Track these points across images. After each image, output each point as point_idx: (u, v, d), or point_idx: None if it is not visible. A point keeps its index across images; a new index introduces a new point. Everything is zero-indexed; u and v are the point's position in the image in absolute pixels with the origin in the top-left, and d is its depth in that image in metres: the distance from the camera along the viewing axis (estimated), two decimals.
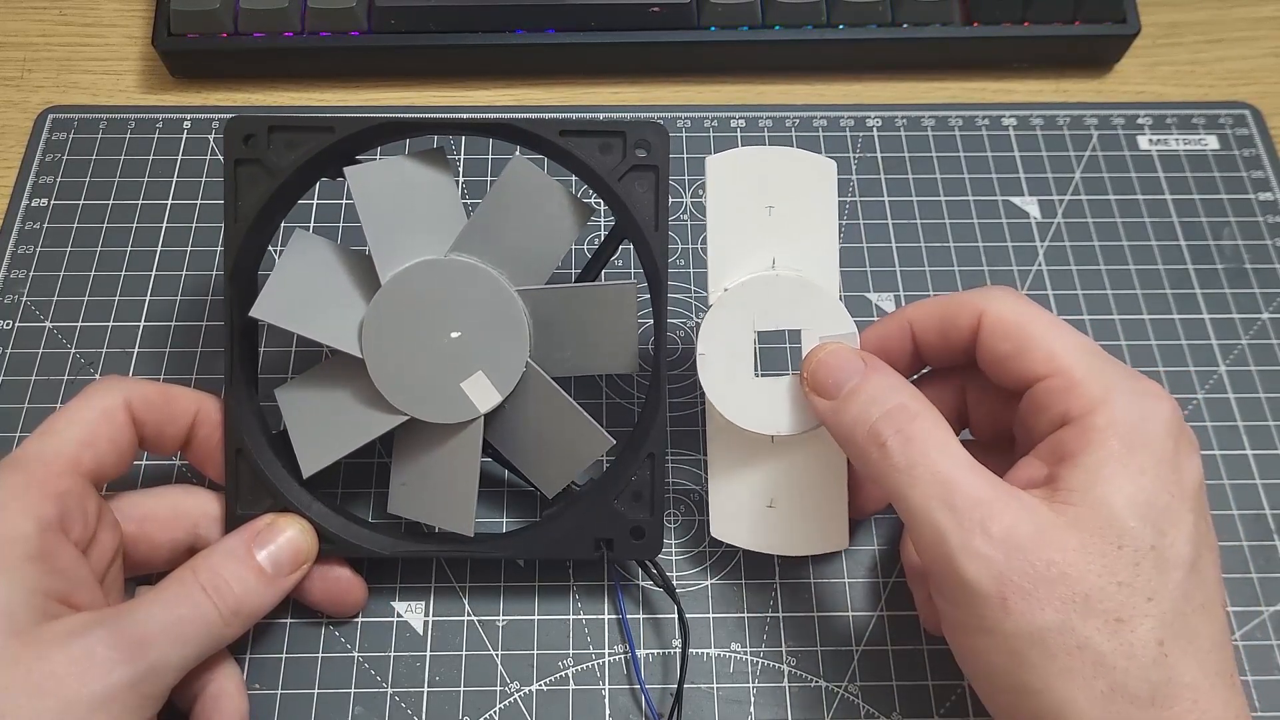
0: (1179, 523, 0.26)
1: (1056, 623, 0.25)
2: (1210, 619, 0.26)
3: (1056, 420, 0.28)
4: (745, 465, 0.33)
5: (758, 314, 0.31)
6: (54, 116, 0.44)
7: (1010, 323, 0.29)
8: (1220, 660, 0.26)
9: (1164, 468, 0.26)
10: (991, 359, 0.30)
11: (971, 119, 0.46)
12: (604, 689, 0.34)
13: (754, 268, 0.32)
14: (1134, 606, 0.25)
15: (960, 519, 0.26)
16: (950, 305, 0.30)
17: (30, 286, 0.40)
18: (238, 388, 0.33)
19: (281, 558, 0.31)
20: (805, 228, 0.32)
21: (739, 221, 0.32)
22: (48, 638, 0.26)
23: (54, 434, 0.29)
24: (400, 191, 0.32)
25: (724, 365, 0.31)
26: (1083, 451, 0.26)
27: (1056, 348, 0.28)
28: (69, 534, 0.28)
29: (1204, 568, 0.26)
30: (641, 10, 0.44)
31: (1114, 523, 0.25)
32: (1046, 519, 0.26)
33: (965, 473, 0.26)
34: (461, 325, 0.32)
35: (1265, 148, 0.45)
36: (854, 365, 0.30)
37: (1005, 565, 0.25)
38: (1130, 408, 0.27)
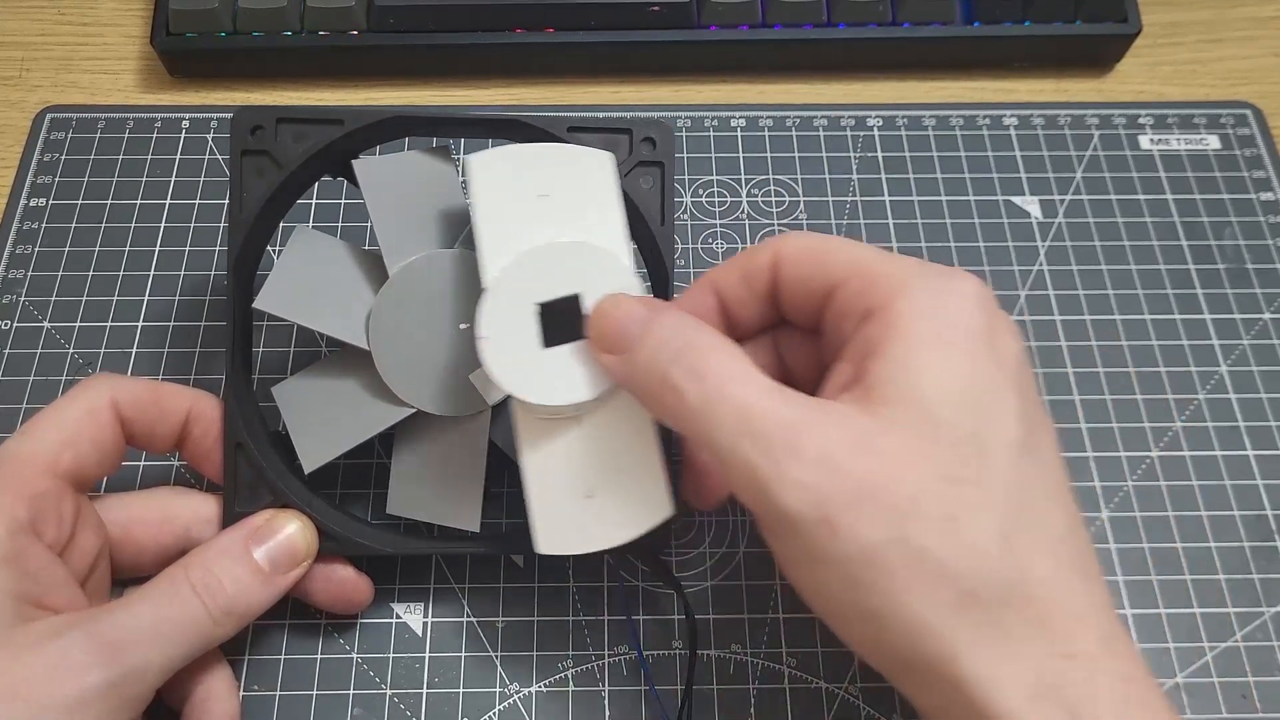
0: (1001, 402, 0.24)
1: (887, 536, 0.23)
2: (1057, 504, 0.24)
3: (859, 318, 0.26)
4: (558, 458, 0.30)
5: (537, 286, 0.29)
6: (52, 116, 0.44)
7: (805, 246, 0.28)
8: (1074, 549, 0.24)
9: (977, 345, 0.24)
10: (794, 289, 0.28)
11: (972, 118, 0.45)
12: (604, 690, 0.34)
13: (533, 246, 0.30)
14: (966, 500, 0.23)
15: (768, 447, 0.23)
16: (747, 253, 0.29)
17: (28, 286, 0.40)
18: (238, 382, 0.33)
19: (279, 555, 0.30)
20: (584, 208, 0.30)
21: (508, 210, 0.30)
22: (21, 640, 0.26)
23: (33, 434, 0.29)
24: (408, 184, 0.33)
25: (509, 344, 0.29)
26: (887, 341, 0.24)
27: (855, 252, 0.27)
28: (42, 536, 0.28)
29: (1039, 449, 0.24)
30: (641, 9, 0.44)
31: (929, 413, 0.23)
32: (860, 426, 0.24)
33: (768, 398, 0.24)
34: (469, 317, 0.32)
35: (1267, 147, 0.45)
36: (638, 312, 0.27)
37: (824, 486, 0.23)
38: (934, 288, 0.25)
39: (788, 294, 0.28)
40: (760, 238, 0.42)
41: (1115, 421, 0.39)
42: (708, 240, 0.42)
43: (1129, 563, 0.36)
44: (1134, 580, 0.36)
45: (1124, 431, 0.39)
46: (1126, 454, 0.38)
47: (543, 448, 0.30)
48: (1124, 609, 0.35)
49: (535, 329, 0.29)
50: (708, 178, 0.44)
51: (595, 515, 0.30)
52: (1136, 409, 0.39)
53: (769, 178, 0.44)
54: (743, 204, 0.43)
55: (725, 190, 0.44)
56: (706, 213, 0.43)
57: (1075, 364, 0.40)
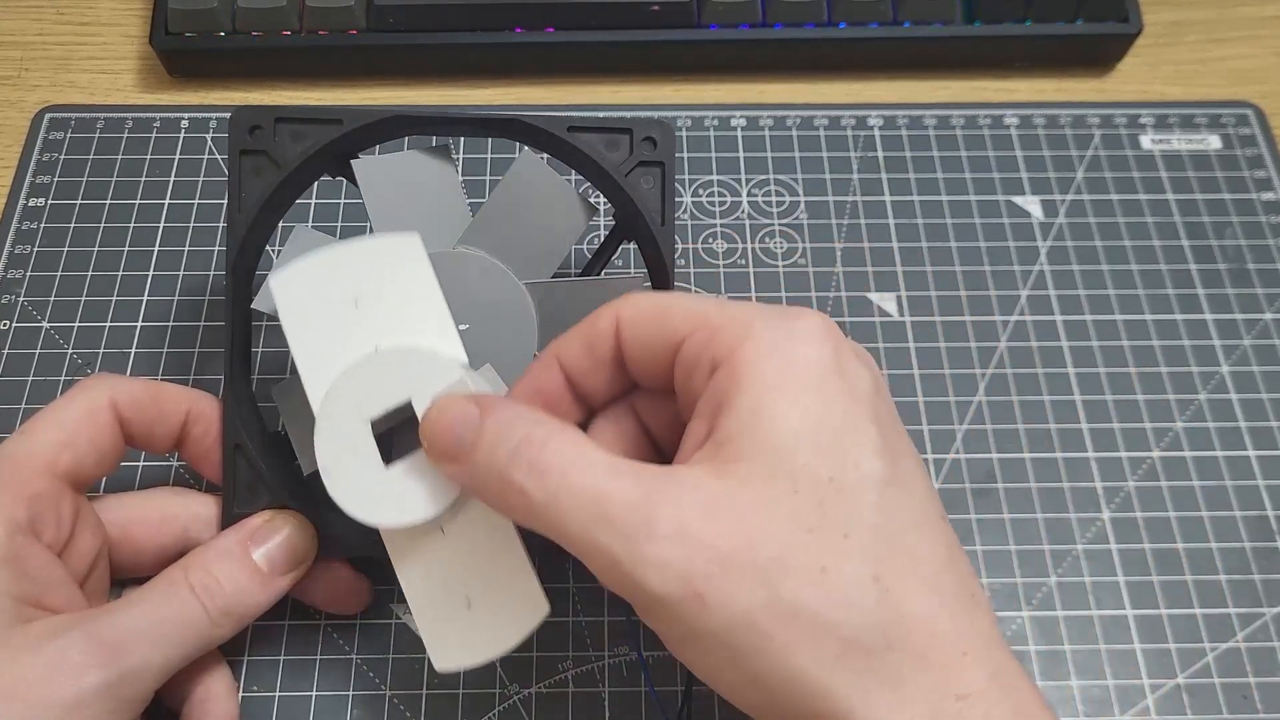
0: (858, 437, 0.23)
1: (758, 599, 0.22)
2: (929, 535, 0.23)
3: (707, 372, 0.25)
4: (432, 571, 0.29)
5: (365, 404, 0.27)
6: (51, 116, 0.44)
7: (646, 306, 0.26)
8: (954, 581, 0.23)
9: (826, 381, 0.23)
10: (639, 351, 0.26)
11: (973, 118, 0.45)
12: (604, 691, 0.33)
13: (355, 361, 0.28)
14: (832, 548, 0.22)
15: (622, 530, 0.22)
16: (588, 320, 0.27)
17: (27, 286, 0.40)
18: (237, 382, 0.32)
19: (278, 556, 0.30)
20: (401, 304, 0.29)
21: (322, 328, 0.28)
22: (20, 641, 0.26)
23: (31, 434, 0.29)
24: (407, 184, 0.32)
25: (349, 469, 0.27)
26: (735, 391, 0.23)
27: (694, 305, 0.25)
28: (40, 536, 0.28)
29: (905, 479, 0.24)
30: (642, 9, 0.44)
31: (783, 462, 0.22)
32: (714, 490, 0.23)
33: (614, 479, 0.23)
34: (469, 318, 0.32)
35: (1268, 147, 0.45)
36: (467, 414, 0.26)
37: (685, 560, 0.22)
38: (775, 329, 0.24)
39: (633, 357, 0.27)
40: (760, 238, 0.42)
41: (1116, 422, 0.39)
42: (708, 240, 0.42)
43: (1130, 563, 0.36)
44: (1135, 581, 0.36)
45: (1125, 432, 0.38)
46: (1127, 454, 0.38)
47: (414, 562, 0.29)
48: (1125, 609, 0.35)
49: (371, 448, 0.27)
50: (708, 178, 0.44)
51: (478, 624, 0.29)
52: (1137, 409, 0.39)
53: (769, 178, 0.44)
54: (743, 204, 0.43)
55: (725, 190, 0.44)
56: (706, 213, 0.43)
57: (1076, 364, 0.40)
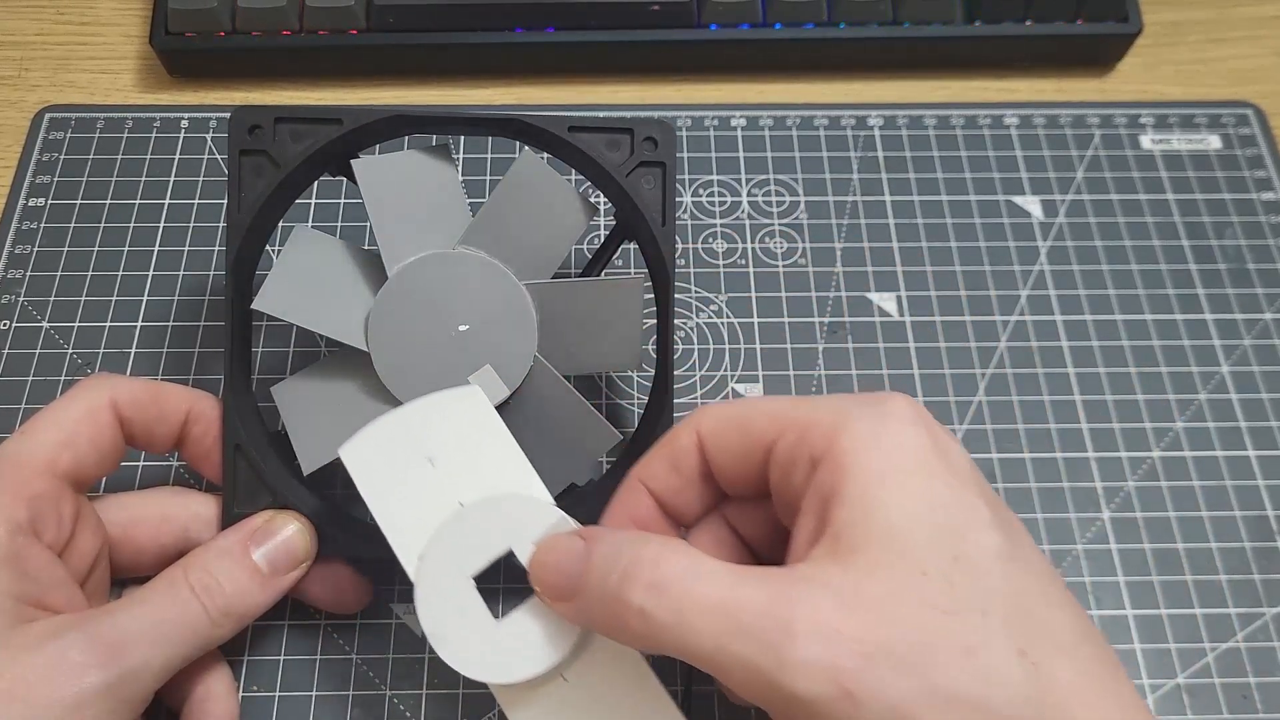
0: (973, 514, 0.23)
1: (912, 689, 0.21)
2: (1059, 605, 0.23)
3: (807, 469, 0.25)
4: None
5: (465, 562, 0.27)
6: (51, 116, 0.44)
7: (723, 416, 0.27)
8: (1094, 649, 0.23)
9: (930, 463, 0.24)
10: (726, 462, 0.27)
11: (973, 118, 0.45)
12: None
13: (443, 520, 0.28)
14: (973, 629, 0.22)
15: (760, 639, 0.22)
16: (666, 440, 0.28)
17: (27, 286, 0.40)
18: (237, 382, 0.32)
19: (278, 557, 0.30)
20: (476, 456, 0.29)
21: (403, 492, 0.28)
22: (20, 641, 0.26)
23: (31, 435, 0.29)
24: (408, 185, 0.32)
25: (461, 635, 0.27)
26: (842, 483, 0.24)
27: (774, 407, 0.26)
28: (41, 536, 0.28)
29: (1023, 552, 0.24)
30: (642, 9, 0.44)
31: (906, 547, 0.23)
32: (843, 583, 0.22)
33: (738, 588, 0.23)
34: (469, 319, 0.32)
35: (1268, 147, 0.45)
36: (574, 548, 0.25)
37: (830, 658, 0.21)
38: (868, 418, 0.24)
39: (721, 468, 0.27)
40: (760, 238, 0.42)
41: (1116, 422, 0.39)
42: (708, 240, 0.42)
43: (1130, 563, 0.36)
44: (1135, 581, 0.36)
45: (1125, 432, 0.38)
46: (1128, 454, 0.38)
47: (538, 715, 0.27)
48: (1125, 609, 0.35)
49: (479, 606, 0.27)
50: (708, 178, 0.44)
51: None
52: (1137, 409, 0.39)
53: (769, 177, 0.44)
54: (743, 204, 0.43)
55: (725, 190, 0.44)
56: (707, 213, 0.43)
57: (1076, 364, 0.40)
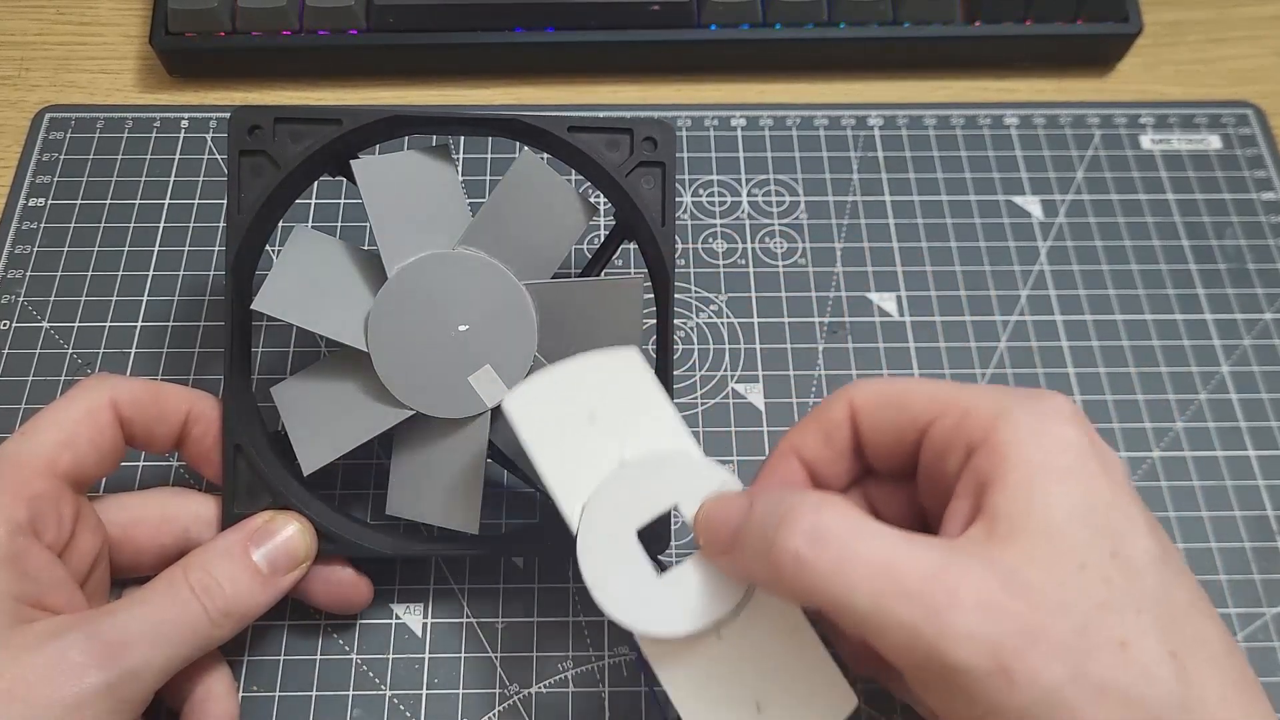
0: (1130, 518, 0.24)
1: (1066, 675, 0.21)
2: (1210, 617, 0.24)
3: (963, 454, 0.25)
4: (709, 682, 0.28)
5: (628, 515, 0.28)
6: (51, 116, 0.44)
7: (880, 392, 0.27)
8: (1239, 664, 0.23)
9: (1090, 465, 0.24)
10: (878, 438, 0.27)
11: (973, 118, 0.45)
12: (604, 691, 0.33)
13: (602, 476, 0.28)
14: (1128, 625, 0.22)
15: (924, 602, 0.22)
16: (820, 410, 0.28)
17: (27, 286, 0.40)
18: (236, 383, 0.32)
19: (278, 557, 0.30)
20: (635, 415, 0.29)
21: (565, 446, 0.28)
22: (20, 641, 0.26)
23: (31, 435, 0.29)
24: (407, 185, 0.32)
25: (623, 586, 0.27)
26: (1002, 470, 0.24)
27: (934, 390, 0.26)
28: (41, 537, 0.28)
29: (1174, 561, 0.24)
30: (641, 9, 0.44)
31: (1067, 540, 0.23)
32: (1005, 563, 0.23)
33: (905, 549, 0.23)
34: (469, 319, 0.32)
35: (1268, 147, 0.45)
36: (738, 504, 0.26)
37: (993, 632, 0.22)
38: (1030, 413, 0.25)
39: (872, 442, 0.28)
40: (760, 238, 0.42)
41: (1116, 422, 0.39)
42: (708, 240, 0.42)
43: None
44: None
45: (1125, 432, 0.39)
46: (1128, 454, 0.38)
47: (688, 672, 0.28)
48: None
49: (642, 558, 0.27)
50: (708, 177, 0.44)
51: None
52: (1138, 409, 0.39)
53: (769, 177, 0.44)
54: (743, 204, 0.43)
55: (725, 190, 0.44)
56: (707, 213, 0.43)
57: (1076, 364, 0.40)
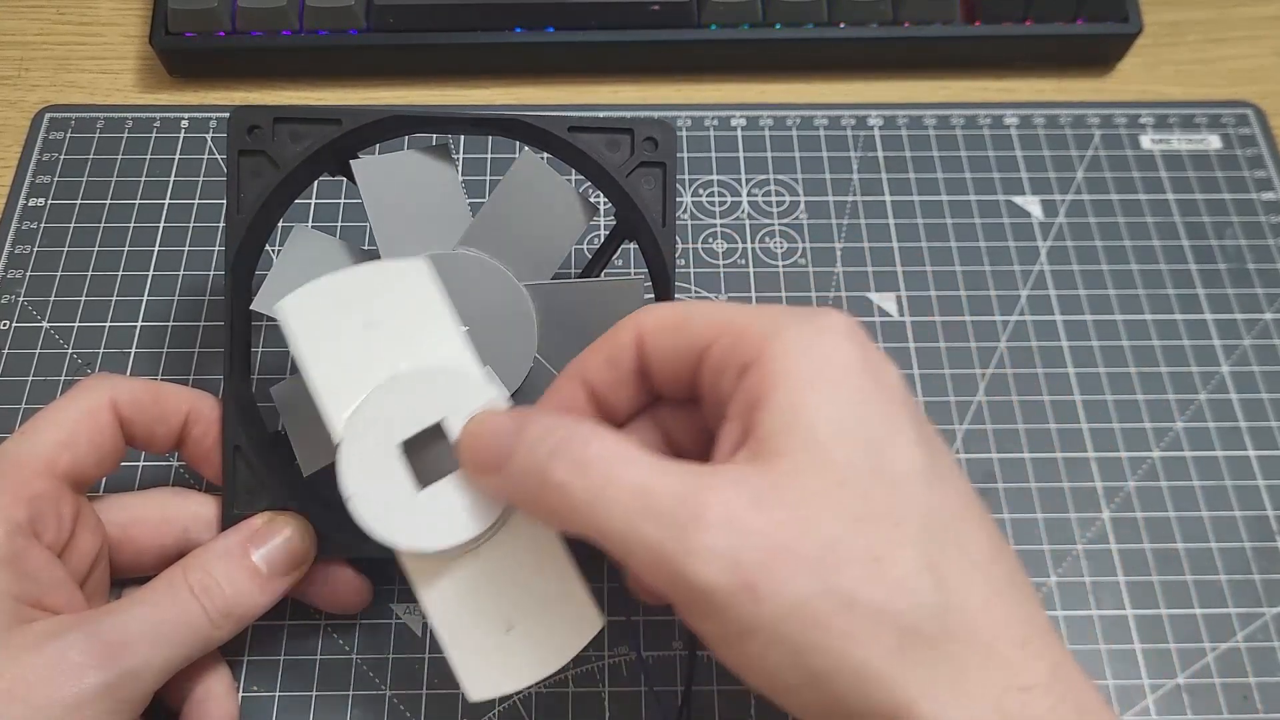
0: (897, 431, 0.23)
1: (813, 589, 0.21)
2: (975, 525, 0.23)
3: (735, 375, 0.25)
4: (465, 599, 0.28)
5: (394, 428, 0.27)
6: (51, 116, 0.44)
7: (665, 316, 0.27)
8: (1004, 571, 0.23)
9: (859, 378, 0.24)
10: (662, 362, 0.27)
11: (973, 118, 0.45)
12: (604, 691, 0.33)
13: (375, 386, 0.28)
14: (885, 537, 0.22)
15: (670, 522, 0.22)
16: (608, 335, 0.27)
17: (27, 286, 0.40)
18: (236, 383, 0.32)
19: (277, 558, 0.30)
20: (417, 328, 0.28)
21: (338, 353, 0.28)
22: (19, 641, 0.26)
23: (31, 435, 0.29)
24: (407, 185, 0.32)
25: (382, 498, 0.27)
26: (769, 390, 0.23)
27: (716, 311, 0.26)
28: (41, 537, 0.28)
29: (944, 472, 0.24)
30: (642, 8, 0.44)
31: (828, 455, 0.22)
32: (761, 481, 0.22)
33: (659, 474, 0.23)
34: (469, 320, 0.32)
35: (1268, 147, 0.45)
36: (506, 424, 0.26)
37: (736, 549, 0.21)
38: (803, 329, 0.24)
39: (657, 367, 0.27)
40: (760, 238, 0.42)
41: (1116, 422, 0.39)
42: (708, 240, 0.42)
43: (1130, 563, 0.36)
44: (1135, 581, 0.36)
45: (1125, 432, 0.38)
46: (1128, 454, 0.38)
47: (444, 589, 0.28)
48: (1125, 609, 0.35)
49: (404, 471, 0.27)
50: (708, 177, 0.44)
51: (520, 647, 0.28)
52: (1137, 409, 0.39)
53: (769, 177, 0.44)
54: (743, 204, 0.43)
55: (725, 190, 0.44)
56: (707, 212, 0.43)
57: (1076, 364, 0.40)
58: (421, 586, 0.28)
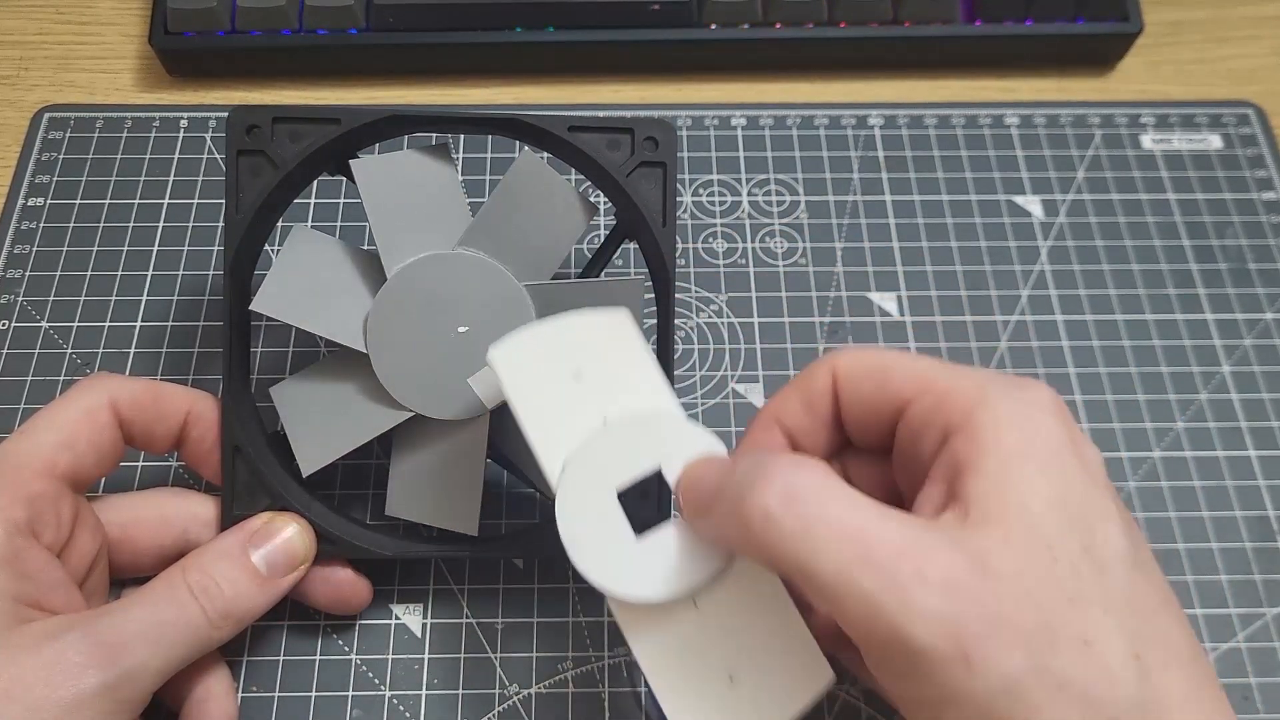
0: (1104, 515, 0.23)
1: (1029, 665, 0.21)
2: (1176, 619, 0.23)
3: (939, 436, 0.24)
4: (683, 650, 0.27)
5: (610, 475, 0.27)
6: (50, 115, 0.44)
7: (864, 364, 0.27)
8: (1203, 670, 0.23)
9: (1067, 457, 0.23)
10: (858, 411, 0.27)
11: (974, 118, 0.45)
12: (604, 692, 0.33)
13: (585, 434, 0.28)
14: (1094, 622, 0.21)
15: (890, 576, 0.21)
16: (803, 377, 0.28)
17: (26, 286, 0.40)
18: (235, 384, 0.32)
19: (277, 559, 0.30)
20: (623, 377, 0.28)
21: (549, 401, 0.28)
22: (18, 641, 0.26)
23: (30, 435, 0.29)
24: (406, 185, 0.32)
25: (600, 546, 0.26)
26: (978, 456, 0.23)
27: (916, 367, 0.26)
28: (40, 537, 0.28)
29: (1146, 561, 0.23)
30: (642, 8, 0.44)
31: (1039, 530, 0.22)
32: (975, 547, 0.22)
33: (877, 520, 0.22)
34: (468, 320, 0.32)
35: (1269, 147, 0.45)
36: (720, 466, 0.25)
37: (957, 615, 0.21)
38: (1011, 399, 0.24)
39: (851, 415, 0.27)
40: (760, 238, 0.42)
41: (1117, 422, 0.39)
42: (708, 240, 0.42)
43: None
44: None
45: (1126, 432, 0.38)
46: (1128, 454, 0.38)
47: (660, 640, 0.27)
48: None
49: (621, 519, 0.27)
50: (708, 177, 0.44)
51: (744, 699, 0.26)
52: (1138, 409, 0.39)
53: (770, 177, 0.44)
54: (743, 204, 0.43)
55: (726, 190, 0.43)
56: (707, 212, 0.43)
57: (1077, 364, 0.40)
58: (636, 637, 0.27)
